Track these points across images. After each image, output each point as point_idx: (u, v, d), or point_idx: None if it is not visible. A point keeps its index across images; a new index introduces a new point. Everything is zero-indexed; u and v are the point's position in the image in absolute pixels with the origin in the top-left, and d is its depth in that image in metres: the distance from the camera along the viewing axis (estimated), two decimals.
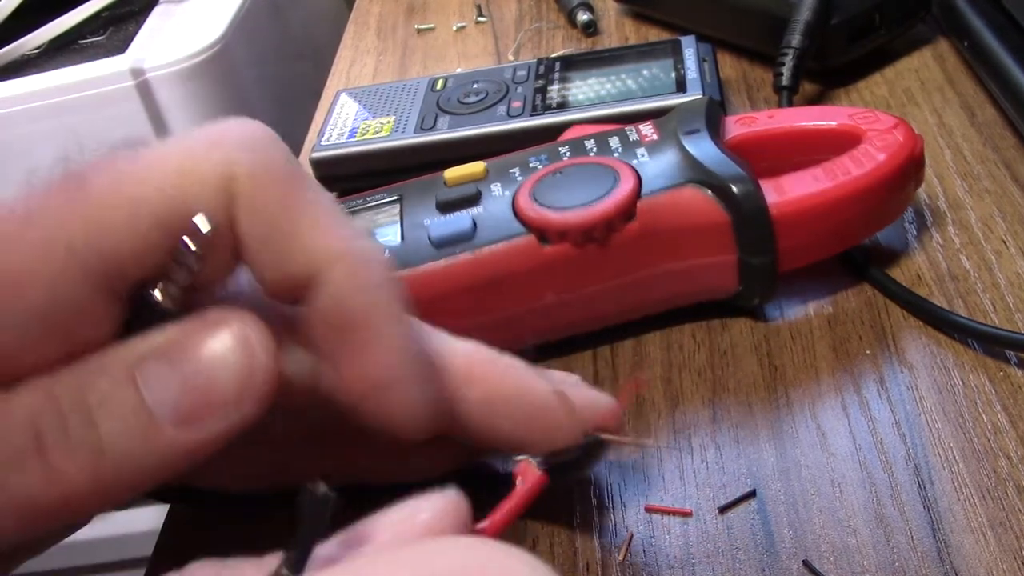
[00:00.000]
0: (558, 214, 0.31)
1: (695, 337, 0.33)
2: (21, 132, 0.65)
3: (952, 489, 0.27)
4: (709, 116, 0.34)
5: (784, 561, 0.26)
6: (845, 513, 0.27)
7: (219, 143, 0.21)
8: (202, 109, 0.66)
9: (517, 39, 0.55)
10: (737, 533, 0.27)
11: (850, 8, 0.43)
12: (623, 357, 0.33)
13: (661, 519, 0.28)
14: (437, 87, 0.46)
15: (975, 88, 0.43)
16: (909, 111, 0.42)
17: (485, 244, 0.31)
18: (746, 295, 0.33)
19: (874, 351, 0.31)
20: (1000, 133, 0.40)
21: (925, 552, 0.25)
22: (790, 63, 0.42)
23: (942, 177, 0.38)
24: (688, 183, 0.31)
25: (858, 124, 0.34)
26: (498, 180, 0.34)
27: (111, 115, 0.64)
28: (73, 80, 0.63)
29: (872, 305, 0.33)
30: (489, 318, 0.32)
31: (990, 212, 0.36)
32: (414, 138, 0.43)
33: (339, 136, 0.44)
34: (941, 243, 0.35)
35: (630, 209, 0.31)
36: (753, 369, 0.32)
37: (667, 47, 0.45)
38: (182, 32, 0.67)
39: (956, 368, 0.30)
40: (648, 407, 0.31)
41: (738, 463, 0.29)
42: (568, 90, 0.44)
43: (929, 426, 0.29)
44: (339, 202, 0.35)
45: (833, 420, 0.29)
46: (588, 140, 0.35)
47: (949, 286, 0.33)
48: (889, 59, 0.46)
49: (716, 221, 0.31)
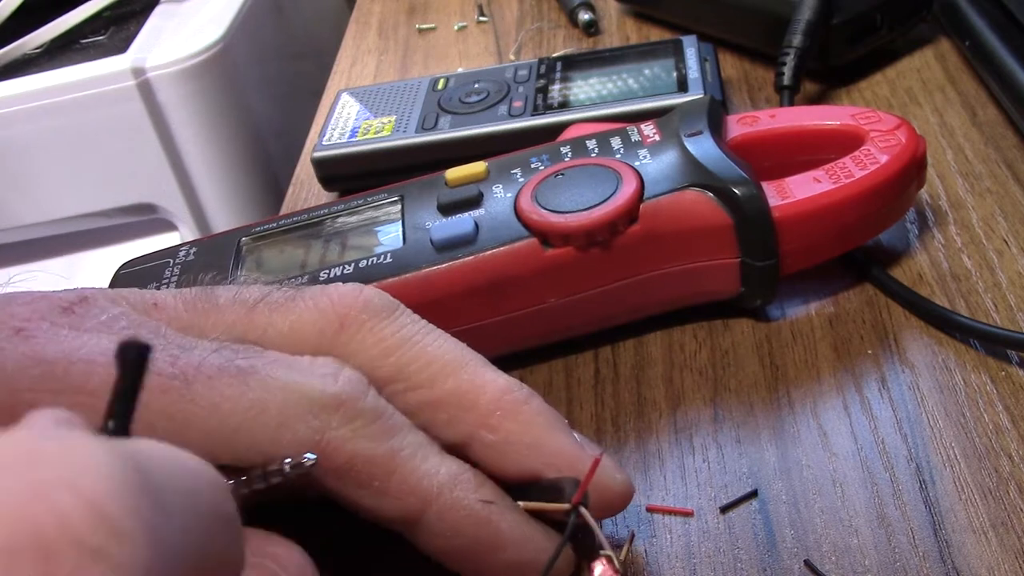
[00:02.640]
0: (561, 218, 0.31)
1: (696, 337, 0.33)
2: (22, 131, 0.65)
3: (954, 489, 0.27)
4: (711, 116, 0.34)
5: (785, 561, 0.26)
6: (846, 513, 0.27)
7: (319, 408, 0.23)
8: (203, 109, 0.66)
9: (518, 39, 0.55)
10: (738, 533, 0.27)
11: (852, 8, 0.43)
12: (624, 357, 0.33)
13: (662, 519, 0.28)
14: (438, 87, 0.46)
15: (976, 88, 0.43)
16: (911, 111, 0.42)
17: (487, 247, 0.31)
18: (748, 297, 0.33)
19: (876, 351, 0.31)
20: (1001, 133, 0.40)
21: (926, 552, 0.25)
22: (791, 63, 0.42)
23: (943, 177, 0.38)
24: (691, 186, 0.31)
25: (860, 124, 0.34)
26: (499, 181, 0.34)
27: (112, 115, 0.64)
28: (74, 80, 0.63)
29: (874, 305, 0.33)
30: (490, 320, 0.32)
31: (992, 212, 0.36)
32: (415, 138, 0.43)
33: (340, 136, 0.44)
34: (943, 243, 0.35)
35: (633, 212, 0.31)
36: (755, 369, 0.32)
37: (668, 47, 0.45)
38: (183, 32, 0.67)
39: (958, 368, 0.30)
40: (650, 407, 0.31)
41: (739, 463, 0.29)
42: (569, 90, 0.44)
43: (931, 426, 0.29)
44: (340, 201, 0.36)
45: (834, 420, 0.29)
46: (590, 140, 0.35)
47: (951, 286, 0.33)
48: (890, 59, 0.46)
49: (718, 224, 0.31)
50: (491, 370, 0.25)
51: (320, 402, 0.23)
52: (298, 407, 0.23)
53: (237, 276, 0.33)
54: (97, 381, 0.21)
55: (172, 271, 0.34)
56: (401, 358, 0.25)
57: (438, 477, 0.24)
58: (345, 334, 0.25)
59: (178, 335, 0.23)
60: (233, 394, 0.22)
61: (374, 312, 0.25)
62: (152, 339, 0.22)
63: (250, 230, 0.35)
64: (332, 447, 0.23)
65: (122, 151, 0.66)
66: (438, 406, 0.25)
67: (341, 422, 0.23)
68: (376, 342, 0.25)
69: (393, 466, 0.23)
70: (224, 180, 0.70)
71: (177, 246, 0.35)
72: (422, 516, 0.24)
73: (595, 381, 0.33)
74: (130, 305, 0.24)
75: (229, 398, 0.22)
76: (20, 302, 0.23)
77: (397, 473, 0.23)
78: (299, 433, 0.22)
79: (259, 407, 0.22)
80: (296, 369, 0.23)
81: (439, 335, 0.26)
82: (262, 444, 0.22)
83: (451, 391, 0.25)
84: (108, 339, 0.22)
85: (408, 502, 0.23)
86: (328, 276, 0.32)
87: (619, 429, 0.31)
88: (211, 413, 0.22)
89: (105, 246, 0.73)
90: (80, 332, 0.22)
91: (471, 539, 0.24)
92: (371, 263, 0.32)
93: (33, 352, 0.21)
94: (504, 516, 0.24)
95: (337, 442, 0.23)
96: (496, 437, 0.24)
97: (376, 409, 0.23)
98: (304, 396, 0.23)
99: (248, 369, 0.23)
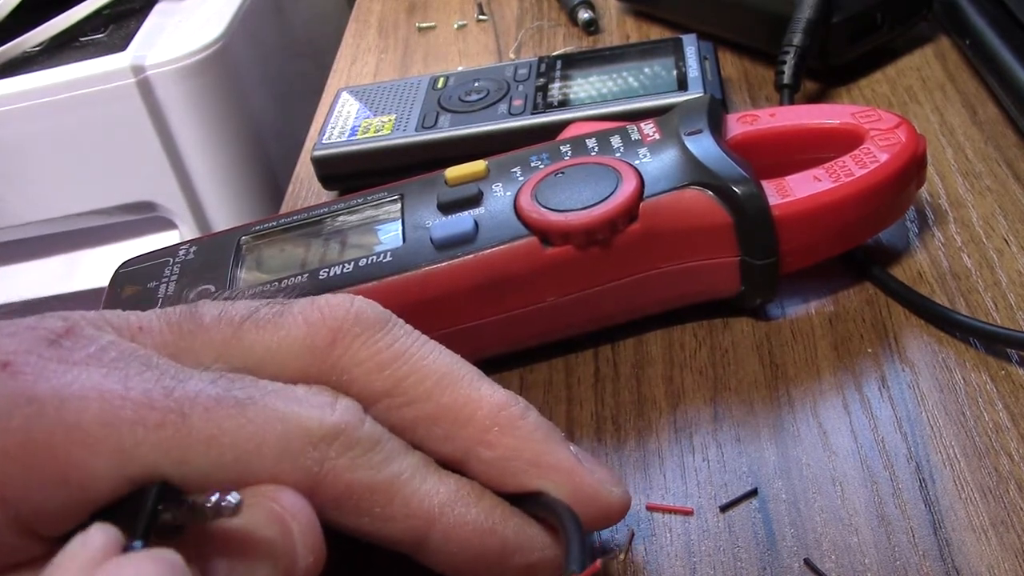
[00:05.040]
0: (561, 216, 0.31)
1: (696, 336, 0.33)
2: (21, 129, 0.65)
3: (953, 488, 0.27)
4: (711, 115, 0.34)
5: (785, 560, 0.26)
6: (846, 512, 0.27)
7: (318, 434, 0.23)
8: (203, 107, 0.66)
9: (518, 37, 0.55)
10: (738, 532, 0.27)
11: (852, 6, 0.43)
12: (624, 356, 0.33)
13: (662, 518, 0.28)
14: (438, 85, 0.46)
15: (976, 86, 0.43)
16: (911, 109, 0.42)
17: (487, 246, 0.31)
18: (748, 296, 0.33)
19: (875, 350, 0.31)
20: (1001, 131, 0.40)
21: (926, 551, 0.25)
22: (792, 61, 0.42)
23: (943, 175, 0.38)
24: (690, 185, 0.31)
25: (860, 123, 0.34)
26: (499, 180, 0.34)
27: (111, 113, 0.64)
28: (74, 77, 0.63)
29: (873, 303, 0.33)
30: (490, 319, 0.32)
31: (992, 210, 0.36)
32: (415, 136, 0.43)
33: (340, 134, 0.44)
34: (943, 241, 0.35)
35: (633, 211, 0.31)
36: (754, 368, 0.32)
37: (668, 45, 0.45)
38: (183, 30, 0.67)
39: (957, 367, 0.30)
40: (650, 406, 0.31)
41: (739, 462, 0.29)
42: (569, 88, 0.44)
43: (930, 424, 0.29)
44: (340, 200, 0.35)
45: (834, 419, 0.29)
46: (590, 139, 0.35)
47: (951, 284, 0.33)
48: (890, 57, 0.46)
49: (718, 223, 0.31)
50: (487, 384, 0.25)
51: (318, 433, 0.23)
52: (297, 439, 0.22)
53: (237, 275, 0.33)
54: (90, 418, 0.21)
55: (172, 270, 0.34)
56: (396, 372, 0.24)
57: (439, 496, 0.24)
58: (337, 348, 0.24)
59: (172, 364, 0.23)
60: (231, 427, 0.22)
61: (367, 325, 0.25)
62: (145, 371, 0.22)
63: (250, 229, 0.35)
64: (331, 477, 0.23)
65: (121, 149, 0.66)
66: (434, 421, 0.24)
67: (339, 451, 0.23)
68: (369, 356, 0.24)
69: (394, 491, 0.23)
70: (224, 178, 0.70)
71: (177, 245, 0.35)
72: (427, 536, 0.23)
73: (595, 380, 0.33)
74: (115, 330, 0.23)
75: (227, 431, 0.22)
76: (4, 334, 0.22)
77: (398, 497, 0.23)
78: (298, 464, 0.22)
79: (258, 439, 0.22)
80: (293, 400, 0.23)
81: (434, 347, 0.25)
82: (260, 476, 0.22)
83: (447, 406, 0.24)
84: (99, 373, 0.21)
85: (412, 524, 0.23)
86: (328, 275, 0.32)
87: (619, 428, 0.31)
88: (209, 446, 0.21)
89: (104, 244, 0.73)
90: (70, 366, 0.21)
91: (478, 551, 0.24)
92: (371, 262, 0.32)
93: (23, 388, 0.21)
94: (507, 524, 0.24)
95: (336, 472, 0.23)
96: (493, 453, 0.24)
97: (373, 436, 0.23)
98: (302, 427, 0.22)
99: (246, 400, 0.22)
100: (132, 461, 0.21)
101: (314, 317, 0.25)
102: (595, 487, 0.24)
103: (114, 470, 0.20)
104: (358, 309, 0.25)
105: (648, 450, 0.30)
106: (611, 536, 0.27)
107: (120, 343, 0.23)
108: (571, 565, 0.22)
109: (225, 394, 0.22)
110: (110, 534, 0.19)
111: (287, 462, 0.22)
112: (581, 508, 0.24)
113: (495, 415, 0.24)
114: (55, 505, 0.20)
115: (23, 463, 0.20)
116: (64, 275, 0.73)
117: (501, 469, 0.24)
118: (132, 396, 0.21)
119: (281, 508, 0.22)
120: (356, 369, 0.24)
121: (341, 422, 0.23)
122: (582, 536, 0.23)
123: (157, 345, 0.24)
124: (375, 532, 0.23)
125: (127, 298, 0.33)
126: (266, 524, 0.21)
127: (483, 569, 0.24)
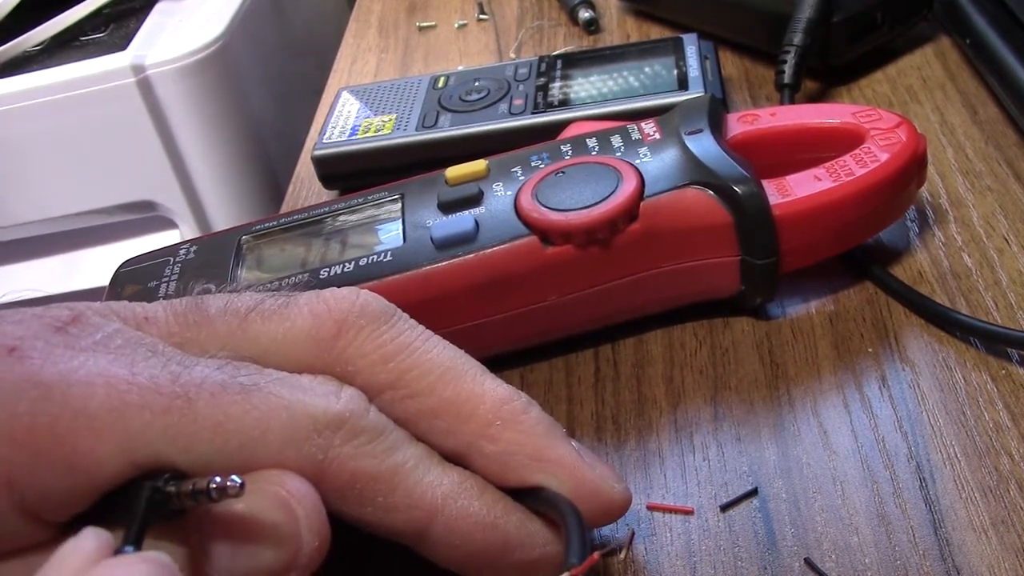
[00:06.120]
0: (561, 216, 0.31)
1: (697, 335, 0.33)
2: (22, 129, 0.65)
3: (954, 487, 0.27)
4: (711, 114, 0.34)
5: (786, 559, 0.26)
6: (847, 511, 0.27)
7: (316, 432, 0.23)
8: (203, 106, 0.66)
9: (519, 37, 0.55)
10: (739, 531, 0.27)
11: (852, 6, 0.43)
12: (625, 355, 0.33)
13: (663, 517, 0.28)
14: (439, 85, 0.46)
15: (977, 86, 0.43)
16: (911, 109, 0.42)
17: (487, 246, 0.31)
18: (748, 295, 0.33)
19: (876, 349, 0.31)
20: (1002, 131, 0.40)
21: (927, 550, 0.25)
22: (792, 61, 0.42)
23: (944, 175, 0.38)
24: (691, 184, 0.31)
25: (861, 122, 0.34)
26: (500, 179, 0.34)
27: (112, 112, 0.64)
28: (74, 77, 0.63)
29: (874, 303, 0.33)
30: (491, 319, 0.32)
31: (992, 210, 0.36)
32: (416, 136, 0.43)
33: (341, 134, 0.44)
34: (943, 241, 0.35)
35: (633, 210, 0.31)
36: (755, 367, 0.32)
37: (669, 45, 0.45)
38: (183, 29, 0.67)
39: (958, 366, 0.30)
40: (650, 405, 0.31)
41: (740, 461, 0.29)
42: (570, 88, 0.44)
43: (931, 424, 0.29)
44: (341, 200, 0.36)
45: (835, 418, 0.29)
46: (590, 138, 0.35)
47: (951, 284, 0.33)
48: (891, 57, 0.46)
49: (719, 222, 0.31)
50: (490, 378, 0.25)
51: (323, 421, 0.23)
52: (302, 426, 0.22)
53: (238, 275, 0.33)
54: (96, 404, 0.21)
55: (172, 269, 0.34)
56: (400, 365, 0.24)
57: (442, 488, 0.24)
58: (342, 340, 0.24)
59: (177, 352, 0.23)
60: (237, 413, 0.22)
61: (372, 317, 0.25)
62: (151, 357, 0.22)
63: (250, 228, 0.35)
64: (336, 466, 0.23)
65: (122, 148, 0.66)
66: (437, 414, 0.24)
67: (344, 440, 0.23)
68: (374, 348, 0.24)
69: (397, 481, 0.23)
70: (224, 178, 0.70)
71: (177, 244, 0.35)
72: (429, 528, 0.23)
73: (595, 379, 0.33)
74: (121, 320, 0.24)
75: (233, 417, 0.22)
76: (11, 321, 0.22)
77: (401, 488, 0.23)
78: (303, 452, 0.22)
79: (263, 426, 0.22)
80: (299, 388, 0.23)
81: (438, 341, 0.25)
82: (265, 463, 0.22)
83: (450, 400, 0.24)
84: (105, 359, 0.21)
85: (414, 515, 0.23)
86: (328, 274, 0.32)
87: (619, 427, 0.31)
88: (215, 433, 0.21)
89: (105, 244, 0.73)
90: (76, 352, 0.21)
91: (480, 545, 0.24)
92: (371, 261, 0.32)
93: (29, 373, 0.21)
94: (509, 518, 0.24)
95: (340, 460, 0.23)
96: (496, 448, 0.24)
97: (377, 426, 0.23)
98: (307, 415, 0.22)
99: (251, 387, 0.22)
100: (138, 446, 0.21)
101: (320, 309, 0.25)
102: (597, 483, 0.24)
103: (120, 455, 0.20)
104: (363, 302, 0.25)
105: (648, 449, 0.30)
106: (611, 535, 0.27)
107: (126, 331, 0.23)
108: (571, 558, 0.22)
109: (231, 380, 0.22)
110: (102, 537, 0.19)
111: (292, 449, 0.22)
112: (582, 503, 0.24)
113: (498, 410, 0.24)
114: (61, 490, 0.20)
115: (29, 448, 0.20)
116: (64, 275, 0.73)
117: (503, 463, 0.24)
118: (138, 381, 0.21)
119: (286, 492, 0.22)
120: (360, 361, 0.24)
121: (346, 410, 0.23)
122: (583, 530, 0.23)
123: (163, 335, 0.24)
124: (377, 522, 0.23)
125: (127, 298, 0.33)
126: (271, 508, 0.21)
127: (484, 563, 0.24)
